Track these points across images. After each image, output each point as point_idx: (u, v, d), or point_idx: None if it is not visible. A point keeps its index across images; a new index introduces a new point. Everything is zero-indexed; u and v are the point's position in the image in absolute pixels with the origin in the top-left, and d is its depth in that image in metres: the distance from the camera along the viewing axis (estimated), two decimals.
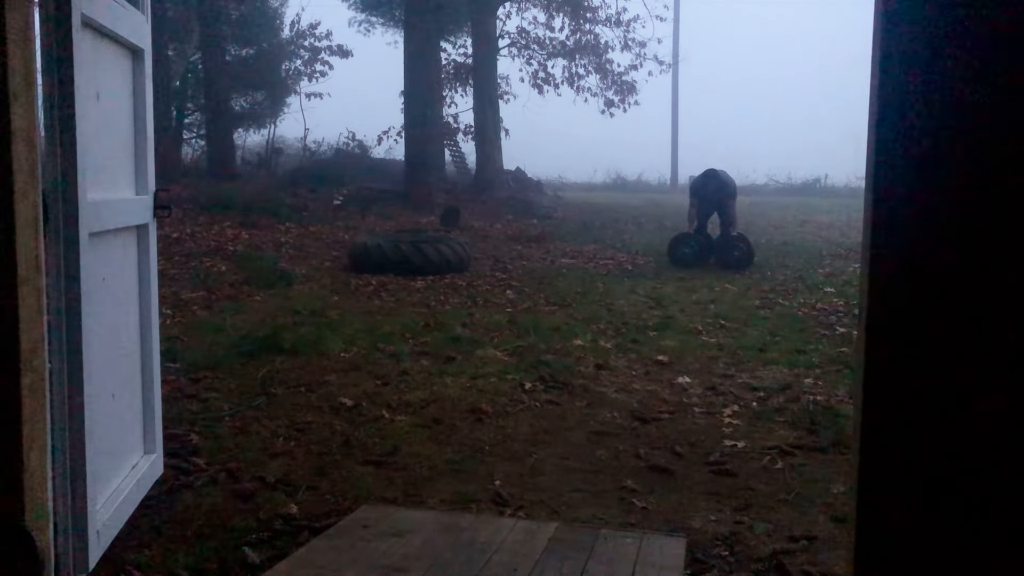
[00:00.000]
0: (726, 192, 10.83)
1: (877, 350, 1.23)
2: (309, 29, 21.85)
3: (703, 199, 10.88)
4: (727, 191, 10.83)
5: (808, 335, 6.59)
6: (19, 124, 1.82)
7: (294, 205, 14.36)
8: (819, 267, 10.67)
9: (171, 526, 3.02)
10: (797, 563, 2.85)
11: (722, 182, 10.79)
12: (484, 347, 5.92)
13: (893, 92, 1.20)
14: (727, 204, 10.79)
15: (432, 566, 2.67)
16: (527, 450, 3.95)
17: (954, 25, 1.17)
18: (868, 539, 1.24)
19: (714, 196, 10.79)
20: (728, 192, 10.84)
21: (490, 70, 19.83)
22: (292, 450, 3.86)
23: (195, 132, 21.10)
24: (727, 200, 10.81)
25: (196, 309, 7.06)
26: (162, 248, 7.82)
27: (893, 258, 1.21)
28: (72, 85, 2.26)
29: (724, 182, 10.81)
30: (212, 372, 5.06)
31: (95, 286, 2.47)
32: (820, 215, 18.46)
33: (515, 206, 17.17)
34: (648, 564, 2.73)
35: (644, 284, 9.24)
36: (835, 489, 3.49)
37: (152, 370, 3.09)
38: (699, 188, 10.99)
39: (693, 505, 3.35)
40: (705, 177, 10.92)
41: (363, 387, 4.88)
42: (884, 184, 1.21)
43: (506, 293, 8.49)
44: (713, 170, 10.91)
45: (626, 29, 21.76)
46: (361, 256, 9.47)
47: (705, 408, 4.66)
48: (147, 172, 3.05)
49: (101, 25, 2.56)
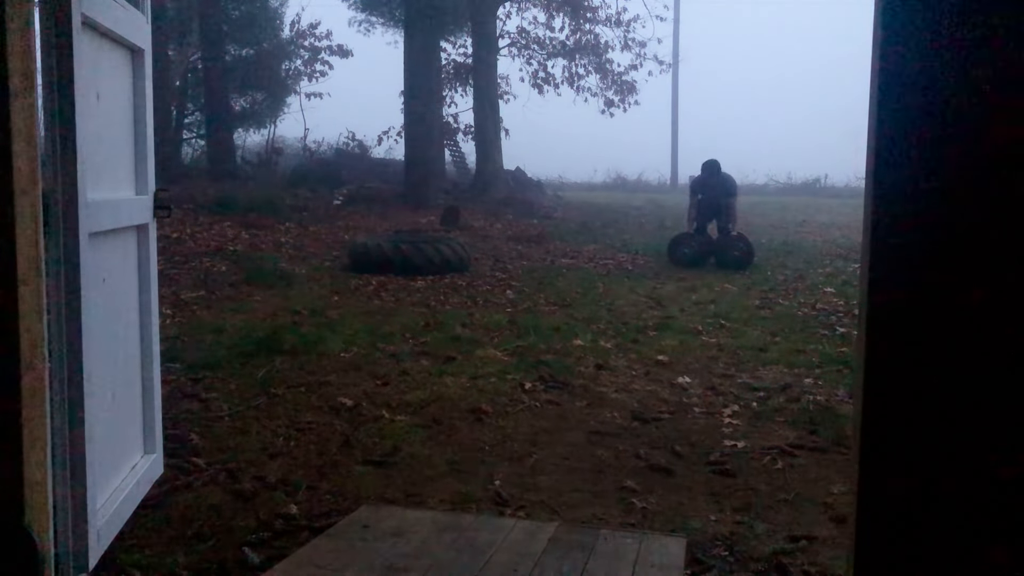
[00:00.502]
0: (726, 190, 10.80)
1: (877, 350, 1.23)
2: (309, 29, 21.88)
3: (703, 196, 10.85)
4: (727, 188, 10.81)
5: (808, 335, 6.59)
6: (19, 124, 1.82)
7: (294, 205, 14.36)
8: (819, 267, 10.67)
9: (171, 526, 3.02)
10: (797, 563, 2.85)
11: (723, 179, 10.77)
12: (484, 347, 5.92)
13: (893, 91, 1.20)
14: (727, 202, 10.77)
15: (432, 566, 2.67)
16: (527, 450, 3.95)
17: (952, 16, 1.17)
18: (868, 539, 1.24)
19: (714, 193, 10.76)
20: (728, 190, 10.82)
21: (490, 70, 19.83)
22: (292, 450, 3.86)
23: (195, 132, 21.11)
24: (727, 198, 10.78)
25: (196, 309, 7.06)
26: (162, 248, 7.83)
27: (893, 258, 1.21)
28: (72, 85, 2.26)
29: (724, 179, 10.79)
30: (212, 372, 5.05)
31: (95, 286, 2.47)
32: (820, 215, 18.46)
33: (515, 206, 17.16)
34: (648, 564, 2.73)
35: (644, 284, 9.24)
36: (835, 489, 3.49)
37: (152, 370, 3.09)
38: (699, 185, 10.98)
39: (693, 505, 3.35)
40: (706, 171, 10.85)
41: (363, 387, 4.88)
42: (884, 184, 1.21)
43: (506, 293, 8.49)
44: (713, 161, 10.81)
45: (626, 29, 21.78)
46: (361, 256, 9.47)
47: (705, 408, 4.66)
48: (147, 172, 3.05)
49: (101, 25, 2.56)
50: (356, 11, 20.82)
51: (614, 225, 15.66)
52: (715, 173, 10.82)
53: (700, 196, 10.91)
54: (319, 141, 23.59)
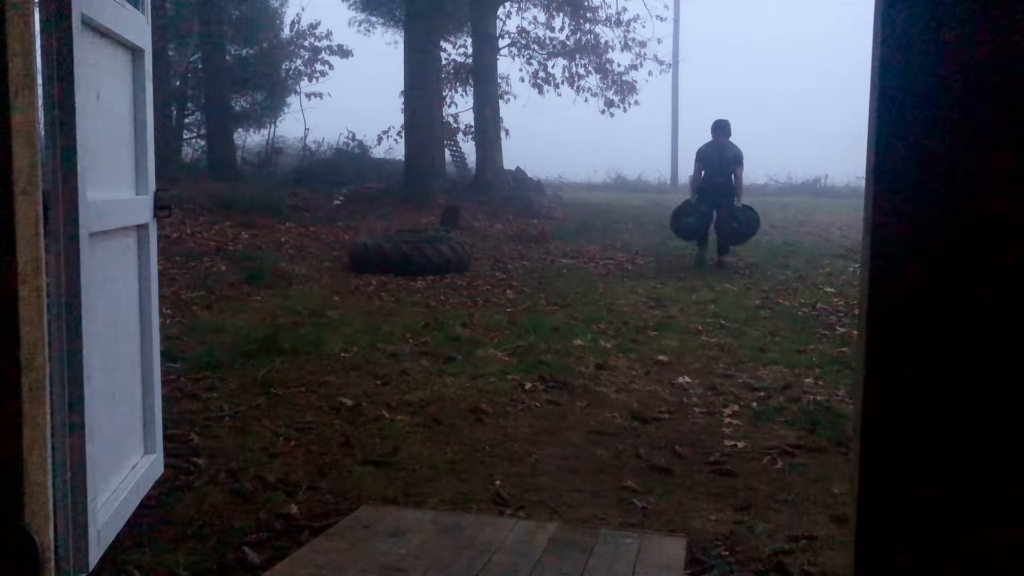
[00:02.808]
0: (735, 157, 10.30)
1: (877, 350, 1.23)
2: (309, 29, 21.86)
3: (707, 170, 10.34)
4: (736, 156, 10.32)
5: (808, 335, 6.59)
6: (19, 124, 1.82)
7: (294, 205, 14.36)
8: (819, 267, 10.67)
9: (171, 526, 3.02)
10: (797, 563, 2.85)
11: (732, 147, 10.28)
12: (484, 347, 5.92)
13: (893, 90, 1.20)
14: (735, 171, 10.32)
15: (432, 566, 2.67)
16: (527, 450, 3.95)
17: (954, 9, 1.17)
18: (868, 539, 1.24)
19: (723, 159, 10.22)
20: (737, 158, 10.32)
21: (490, 70, 19.82)
22: (292, 450, 3.86)
23: (195, 132, 21.10)
24: (736, 166, 10.31)
25: (196, 309, 7.06)
26: (162, 248, 7.82)
27: (893, 258, 1.21)
28: (72, 85, 2.26)
29: (733, 147, 10.29)
30: (212, 372, 5.06)
31: (95, 286, 2.47)
32: (820, 215, 18.46)
33: (515, 206, 17.16)
34: (648, 564, 2.73)
35: (644, 284, 9.24)
36: (835, 489, 3.49)
37: (152, 370, 3.09)
38: (705, 151, 10.36)
39: (693, 505, 3.35)
40: (717, 132, 10.23)
41: (363, 387, 4.88)
42: (884, 184, 1.21)
43: (506, 293, 8.49)
44: (723, 121, 10.27)
45: (626, 29, 21.76)
46: (361, 256, 9.47)
47: (705, 408, 4.66)
48: (147, 172, 3.05)
49: (101, 25, 2.56)
50: (356, 11, 20.84)
51: (614, 225, 15.66)
52: (725, 133, 10.25)
53: (706, 162, 10.33)
54: (319, 141, 23.59)
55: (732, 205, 10.30)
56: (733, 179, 10.35)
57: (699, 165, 10.46)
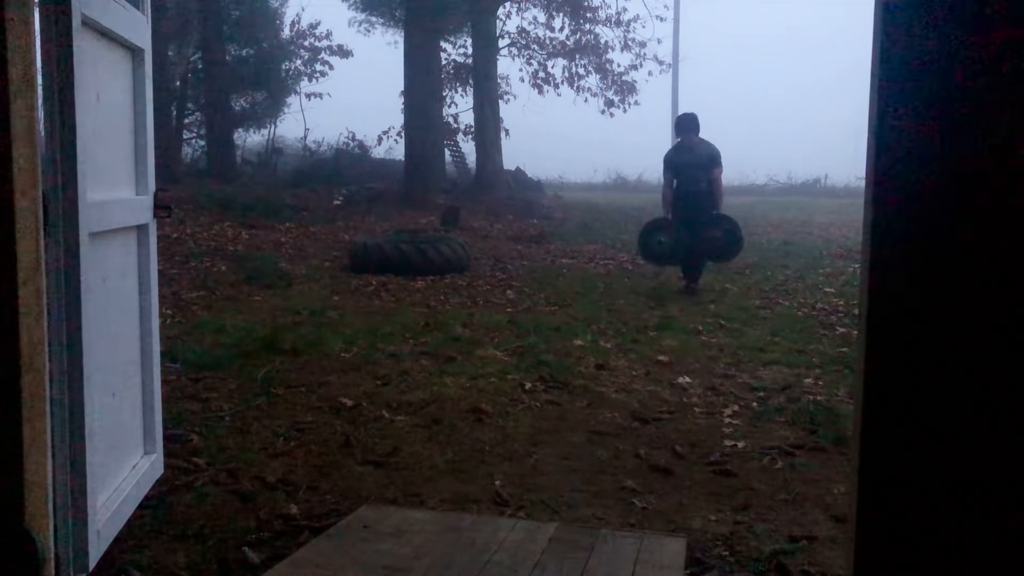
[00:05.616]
0: (711, 158, 8.35)
1: (877, 350, 1.23)
2: (309, 29, 21.89)
3: (679, 176, 8.43)
4: (712, 157, 8.36)
5: (808, 335, 6.59)
6: (19, 124, 1.82)
7: (294, 205, 14.36)
8: (819, 267, 10.67)
9: (171, 526, 3.02)
10: (797, 563, 2.85)
11: (705, 146, 8.41)
12: (484, 347, 5.92)
13: (893, 90, 1.20)
14: (712, 175, 8.33)
15: (432, 566, 2.67)
16: (527, 450, 3.95)
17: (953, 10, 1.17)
18: (868, 539, 1.24)
19: (696, 163, 8.32)
20: (713, 159, 8.36)
21: (490, 70, 19.83)
22: (292, 450, 3.86)
23: (195, 132, 21.11)
24: (712, 168, 8.33)
25: (196, 309, 7.06)
26: (162, 248, 7.81)
27: (893, 258, 1.21)
28: (72, 85, 2.26)
29: (706, 146, 8.42)
30: (212, 372, 5.05)
31: (95, 286, 2.46)
32: (820, 215, 18.46)
33: (515, 206, 17.16)
34: (648, 564, 2.73)
35: (644, 284, 9.23)
36: (835, 489, 3.49)
37: (152, 370, 3.09)
38: (676, 156, 8.50)
39: (693, 505, 3.35)
40: (682, 129, 8.45)
41: (363, 387, 4.88)
42: (884, 184, 1.21)
43: (506, 293, 8.49)
44: (689, 115, 8.54)
45: (626, 29, 21.74)
46: (361, 256, 9.47)
47: (705, 408, 4.66)
48: (147, 172, 3.05)
49: (101, 25, 2.56)
50: (356, 11, 20.82)
51: (614, 225, 15.65)
52: (692, 130, 8.41)
53: (676, 168, 8.49)
54: (319, 141, 23.61)
55: (711, 213, 8.45)
56: (710, 185, 8.39)
57: (668, 175, 8.58)
